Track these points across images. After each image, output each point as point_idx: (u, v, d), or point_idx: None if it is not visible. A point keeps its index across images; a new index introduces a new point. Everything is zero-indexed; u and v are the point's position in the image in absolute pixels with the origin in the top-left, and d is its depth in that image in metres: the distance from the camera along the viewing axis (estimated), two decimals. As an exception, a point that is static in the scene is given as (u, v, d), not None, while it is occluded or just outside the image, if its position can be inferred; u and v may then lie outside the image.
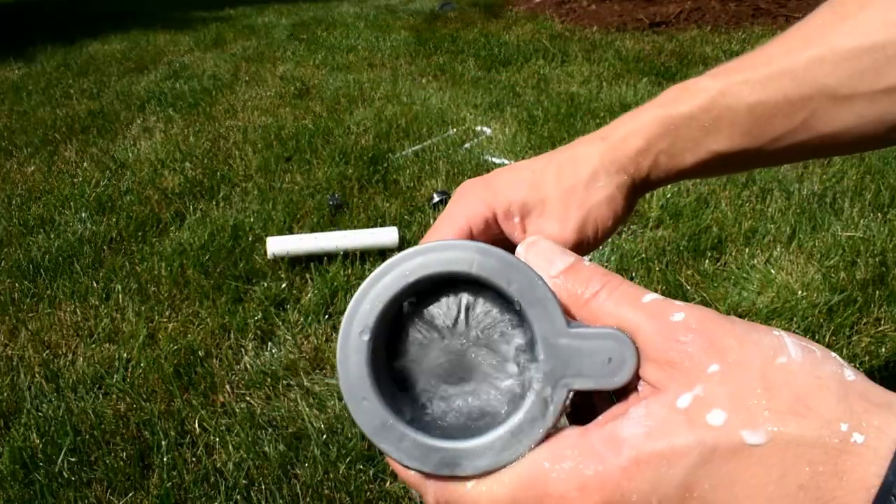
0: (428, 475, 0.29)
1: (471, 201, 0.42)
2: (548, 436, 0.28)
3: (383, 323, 0.31)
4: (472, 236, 0.41)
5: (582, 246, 0.43)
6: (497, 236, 0.43)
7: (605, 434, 0.27)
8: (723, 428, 0.25)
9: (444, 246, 0.30)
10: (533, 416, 0.28)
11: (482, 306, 0.31)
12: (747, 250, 1.84)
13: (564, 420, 0.29)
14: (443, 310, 0.32)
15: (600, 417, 0.28)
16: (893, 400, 0.25)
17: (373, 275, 0.30)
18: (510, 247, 0.39)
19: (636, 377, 0.28)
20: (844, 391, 0.25)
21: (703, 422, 0.25)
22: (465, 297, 0.31)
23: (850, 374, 0.26)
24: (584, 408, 0.32)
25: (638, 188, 0.45)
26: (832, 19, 0.41)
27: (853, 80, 0.40)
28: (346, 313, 0.30)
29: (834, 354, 0.27)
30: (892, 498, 0.22)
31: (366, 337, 0.30)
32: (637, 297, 0.29)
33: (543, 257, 0.32)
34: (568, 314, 0.29)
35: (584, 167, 0.43)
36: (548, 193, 0.43)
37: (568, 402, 0.29)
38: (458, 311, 0.32)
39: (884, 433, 0.23)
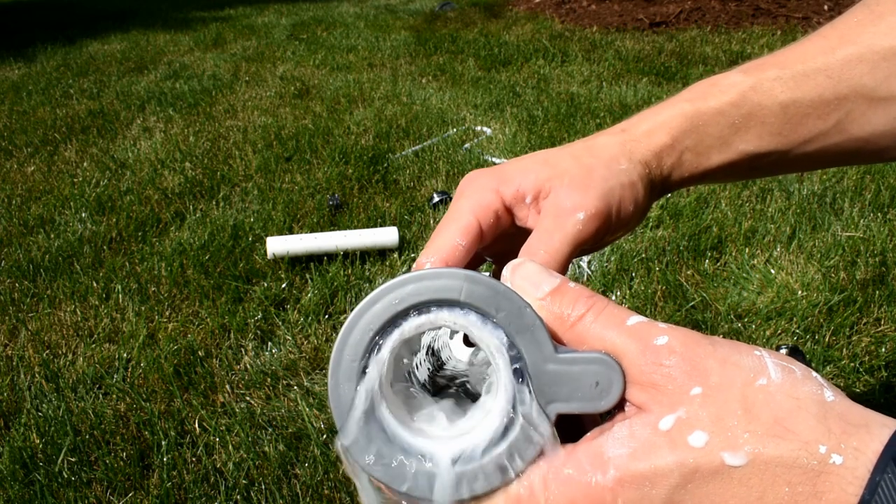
0: (418, 500, 0.29)
1: (477, 191, 0.40)
2: (537, 456, 0.28)
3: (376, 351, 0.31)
4: (481, 232, 0.39)
5: (607, 219, 0.39)
6: (508, 231, 0.41)
7: (591, 453, 0.27)
8: (704, 449, 0.25)
9: (434, 274, 0.30)
10: (523, 439, 0.29)
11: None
12: (747, 250, 1.84)
13: (554, 440, 0.29)
14: (432, 336, 0.33)
15: (588, 435, 0.29)
16: (872, 419, 0.25)
17: (363, 302, 0.30)
18: (520, 243, 0.39)
19: (622, 399, 0.28)
20: (823, 412, 0.25)
21: (685, 443, 0.25)
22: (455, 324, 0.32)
23: (829, 394, 0.26)
24: (571, 420, 0.32)
25: (657, 187, 0.42)
26: (869, 18, 0.40)
27: (891, 81, 0.39)
28: (337, 341, 0.31)
29: (815, 374, 0.27)
30: None
31: (355, 364, 0.30)
32: (622, 320, 0.29)
33: (529, 280, 0.32)
34: (555, 337, 0.30)
35: (603, 152, 0.41)
36: (566, 168, 0.40)
37: (553, 424, 0.29)
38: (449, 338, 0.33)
39: (861, 453, 0.24)
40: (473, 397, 0.32)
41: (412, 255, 1.89)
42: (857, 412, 0.26)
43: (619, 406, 0.28)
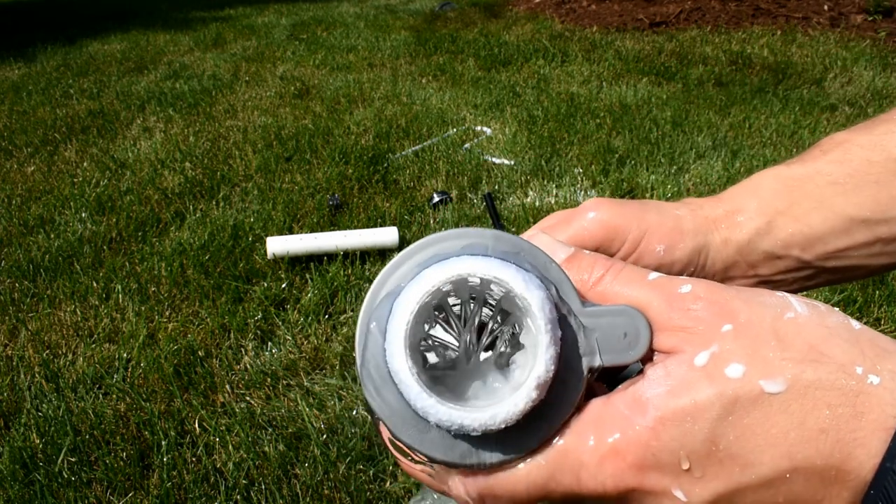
0: (457, 467, 0.29)
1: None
2: (575, 411, 0.28)
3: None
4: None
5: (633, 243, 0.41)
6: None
7: (628, 398, 0.27)
8: (742, 379, 0.25)
9: (459, 234, 0.30)
10: (557, 396, 0.28)
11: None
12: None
13: (588, 394, 0.29)
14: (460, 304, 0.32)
15: (620, 387, 0.29)
16: None
17: (390, 264, 0.30)
18: None
19: (650, 350, 0.29)
20: (855, 338, 0.26)
21: (723, 375, 0.26)
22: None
23: (856, 324, 0.27)
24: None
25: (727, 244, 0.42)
26: None
27: None
28: (367, 299, 0.30)
29: (838, 310, 0.28)
30: None
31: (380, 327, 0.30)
32: (643, 276, 0.30)
33: (545, 249, 0.32)
34: (580, 296, 0.30)
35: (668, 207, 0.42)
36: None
37: (591, 377, 0.29)
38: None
39: None
40: (503, 360, 0.31)
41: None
42: (886, 339, 0.26)
43: (649, 358, 0.29)
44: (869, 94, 3.10)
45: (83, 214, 2.20)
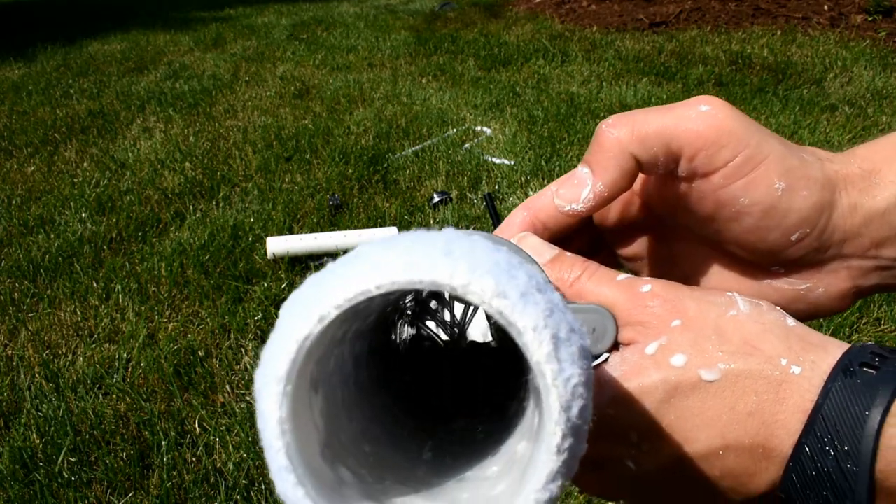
0: None
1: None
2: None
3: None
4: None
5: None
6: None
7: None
8: (683, 368, 0.29)
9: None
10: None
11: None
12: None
13: None
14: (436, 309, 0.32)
15: None
16: (829, 341, 0.29)
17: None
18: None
19: (616, 342, 0.31)
20: (786, 334, 0.29)
21: (668, 363, 0.29)
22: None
23: (791, 322, 0.30)
24: None
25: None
26: None
27: None
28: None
29: (778, 308, 0.31)
30: (821, 416, 0.27)
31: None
32: (612, 278, 0.32)
33: (533, 251, 0.34)
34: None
35: None
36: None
37: None
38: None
39: (818, 366, 0.28)
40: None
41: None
42: (816, 335, 0.29)
43: (615, 348, 0.32)
44: (869, 94, 3.10)
45: (83, 214, 2.20)
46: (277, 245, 1.86)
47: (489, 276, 0.19)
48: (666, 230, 0.39)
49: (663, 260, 0.40)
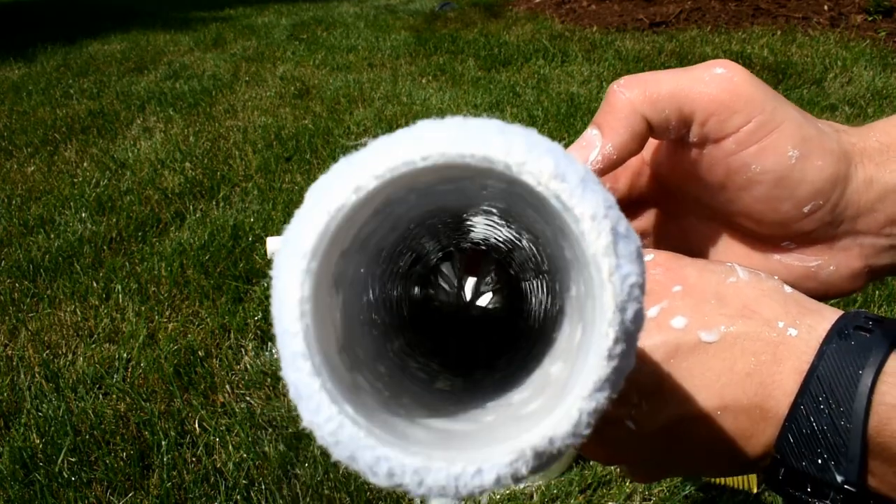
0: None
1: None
2: None
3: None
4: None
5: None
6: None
7: None
8: (683, 330, 0.29)
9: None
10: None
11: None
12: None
13: None
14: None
15: None
16: (824, 307, 0.30)
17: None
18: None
19: None
20: (783, 299, 0.30)
21: (668, 325, 0.30)
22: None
23: (788, 289, 0.31)
24: None
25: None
26: None
27: None
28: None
29: (776, 277, 0.32)
30: (816, 377, 0.27)
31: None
32: None
33: None
34: None
35: None
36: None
37: None
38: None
39: (814, 329, 0.28)
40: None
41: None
42: (812, 302, 0.30)
43: None
44: (869, 94, 3.10)
45: (83, 214, 2.20)
46: (277, 245, 1.86)
47: (548, 155, 0.17)
48: (674, 204, 0.39)
49: (671, 235, 0.40)
